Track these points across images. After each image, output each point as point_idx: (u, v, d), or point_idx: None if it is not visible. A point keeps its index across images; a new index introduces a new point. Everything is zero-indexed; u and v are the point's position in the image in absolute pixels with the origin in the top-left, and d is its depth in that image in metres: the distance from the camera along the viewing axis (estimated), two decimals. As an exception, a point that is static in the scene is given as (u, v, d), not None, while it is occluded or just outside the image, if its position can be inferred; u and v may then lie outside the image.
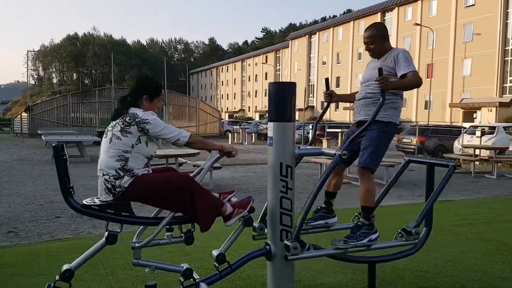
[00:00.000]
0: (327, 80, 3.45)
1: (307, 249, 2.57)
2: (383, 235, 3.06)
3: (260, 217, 3.00)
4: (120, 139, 2.59)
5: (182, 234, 2.74)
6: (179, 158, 8.67)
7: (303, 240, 2.58)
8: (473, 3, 34.92)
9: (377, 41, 3.18)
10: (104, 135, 2.72)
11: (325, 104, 3.51)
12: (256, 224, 2.98)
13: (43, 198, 7.01)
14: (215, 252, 2.71)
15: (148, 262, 2.66)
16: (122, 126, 2.62)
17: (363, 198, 3.01)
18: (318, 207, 3.29)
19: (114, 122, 2.69)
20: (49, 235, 4.91)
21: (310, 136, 21.75)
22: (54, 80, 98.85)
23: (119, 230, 2.54)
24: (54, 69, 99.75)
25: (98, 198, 2.62)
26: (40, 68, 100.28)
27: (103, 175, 2.58)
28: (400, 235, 3.02)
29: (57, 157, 2.53)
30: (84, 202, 2.57)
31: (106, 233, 2.49)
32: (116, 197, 2.55)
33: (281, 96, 2.64)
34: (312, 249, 2.63)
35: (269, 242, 2.68)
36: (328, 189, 3.33)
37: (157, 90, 2.86)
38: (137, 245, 2.65)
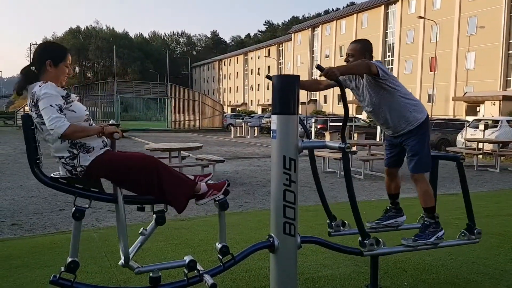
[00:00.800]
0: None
1: (382, 245, 2.82)
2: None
3: (330, 215, 3.20)
4: (44, 123, 2.36)
5: (153, 215, 2.62)
6: (182, 152, 8.69)
7: (377, 237, 2.83)
8: (478, -4, 34.68)
9: (357, 55, 3.24)
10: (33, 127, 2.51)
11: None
12: (333, 222, 3.19)
13: (46, 191, 7.05)
14: (218, 245, 2.72)
15: (150, 267, 2.62)
16: (34, 110, 2.40)
17: (422, 200, 3.20)
18: (387, 207, 3.50)
19: (28, 109, 2.48)
20: (53, 228, 4.95)
21: (314, 131, 21.73)
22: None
23: (87, 206, 2.48)
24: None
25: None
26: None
27: (60, 159, 2.46)
28: (462, 234, 3.27)
29: (25, 127, 2.43)
30: (52, 175, 2.50)
31: (73, 208, 2.44)
32: (78, 177, 2.46)
33: (285, 89, 2.64)
34: (384, 247, 2.85)
35: (272, 235, 2.69)
36: (389, 191, 3.53)
37: (62, 52, 2.58)
38: (123, 263, 2.60)
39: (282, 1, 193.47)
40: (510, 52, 32.81)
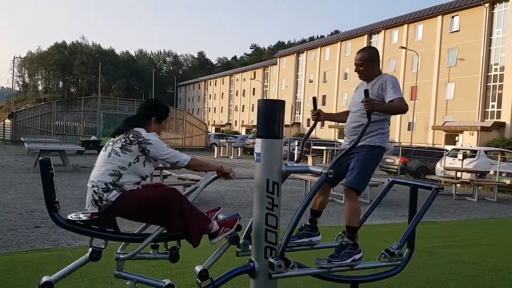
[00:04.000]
0: (314, 99, 3.51)
1: (291, 267, 2.57)
2: (366, 255, 3.08)
3: (244, 233, 2.99)
4: (119, 156, 2.60)
5: (167, 251, 2.72)
6: (163, 170, 8.62)
7: (287, 258, 2.57)
8: (458, 29, 35.91)
9: (367, 64, 3.27)
10: (104, 149, 2.72)
11: (312, 122, 3.56)
12: (240, 240, 2.97)
13: (23, 207, 6.87)
14: (198, 268, 2.68)
15: (130, 275, 2.63)
16: (124, 143, 2.64)
17: (348, 218, 3.04)
18: (303, 225, 3.30)
19: (116, 138, 2.71)
20: (28, 245, 4.80)
21: (296, 153, 21.85)
22: (40, 87, 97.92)
23: (103, 247, 2.51)
24: (40, 76, 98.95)
25: (83, 213, 2.61)
26: (26, 75, 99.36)
27: (92, 186, 2.58)
28: (383, 255, 3.04)
29: (43, 171, 2.50)
30: (69, 217, 2.54)
31: (90, 249, 2.47)
32: (101, 210, 2.53)
33: (270, 113, 2.67)
34: (296, 267, 2.62)
35: (253, 259, 2.67)
36: (313, 207, 3.35)
37: (167, 112, 2.95)
38: (121, 256, 2.62)
39: (269, 26, 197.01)
40: (488, 84, 33.85)
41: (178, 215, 2.59)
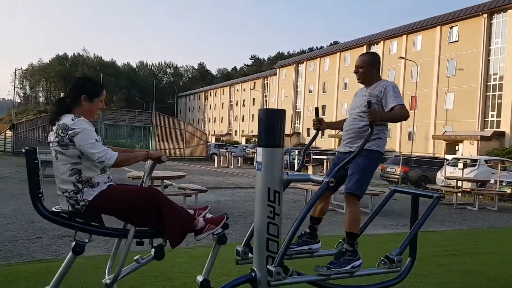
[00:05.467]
0: (317, 109, 3.55)
1: (290, 275, 2.56)
2: (366, 264, 3.08)
3: (244, 241, 2.99)
4: (64, 154, 2.49)
5: (152, 249, 2.65)
6: (164, 180, 8.62)
7: (286, 265, 2.56)
8: (457, 39, 36.14)
9: (367, 67, 3.30)
10: (52, 154, 2.60)
11: (314, 131, 3.58)
12: (240, 248, 2.97)
13: (24, 218, 6.86)
14: (199, 278, 2.68)
15: None
16: (58, 140, 2.50)
17: (348, 224, 3.05)
18: (303, 232, 3.30)
19: (52, 137, 2.57)
20: (29, 256, 4.80)
21: (297, 162, 21.84)
22: (41, 99, 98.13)
23: (87, 241, 2.47)
24: (41, 88, 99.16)
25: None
26: (27, 86, 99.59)
27: (63, 193, 2.50)
28: (383, 262, 3.03)
29: (29, 160, 2.46)
30: (53, 209, 2.50)
31: (74, 243, 2.43)
32: (80, 211, 2.48)
33: (271, 122, 2.69)
34: (295, 275, 2.62)
35: (255, 269, 2.66)
36: (313, 214, 3.35)
37: (97, 89, 2.73)
38: (108, 281, 2.58)
39: (268, 37, 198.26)
40: (487, 94, 33.97)
41: (155, 215, 2.53)
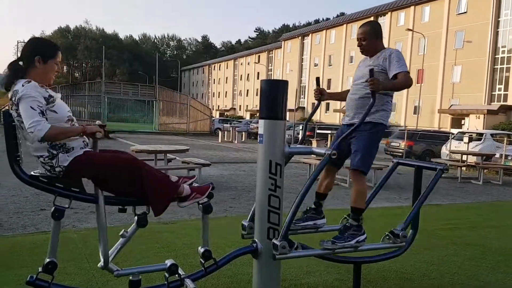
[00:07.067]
0: (318, 78, 3.46)
1: (295, 249, 2.56)
2: (370, 237, 3.08)
3: (249, 216, 2.98)
4: (22, 121, 2.32)
5: (135, 215, 2.59)
6: (168, 154, 8.62)
7: (291, 239, 2.56)
8: (465, 11, 35.35)
9: (370, 38, 3.19)
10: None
11: (316, 103, 3.51)
12: (245, 222, 2.97)
13: (28, 190, 6.91)
14: (201, 249, 2.69)
15: (130, 270, 2.57)
16: (14, 108, 2.36)
17: (354, 199, 3.03)
18: (308, 208, 3.29)
19: (9, 106, 2.44)
20: (34, 227, 4.85)
21: (300, 135, 21.77)
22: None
23: (67, 206, 2.43)
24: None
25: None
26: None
27: (38, 158, 2.42)
28: (387, 237, 3.03)
29: (6, 124, 2.38)
30: (32, 173, 2.46)
31: (53, 208, 2.39)
32: (58, 177, 2.42)
33: (273, 93, 2.63)
34: (300, 249, 2.62)
35: (256, 240, 2.67)
36: (318, 190, 3.33)
37: (52, 49, 2.52)
38: (102, 265, 2.55)
39: (273, 9, 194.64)
40: (495, 67, 33.47)
41: (138, 183, 2.46)
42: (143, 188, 2.47)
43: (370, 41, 3.19)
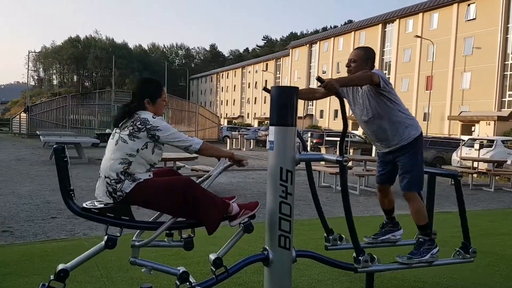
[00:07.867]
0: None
1: (376, 262, 2.83)
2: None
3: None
4: (127, 143, 2.54)
5: (182, 239, 2.71)
6: (177, 162, 8.65)
7: (372, 254, 2.82)
8: (474, 17, 35.17)
9: (360, 62, 3.22)
10: (111, 137, 2.66)
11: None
12: (328, 235, 3.23)
13: (39, 198, 6.97)
14: (212, 256, 2.68)
15: (145, 262, 2.63)
16: (132, 130, 2.56)
17: (415, 219, 3.18)
18: (384, 222, 3.50)
19: (124, 125, 2.63)
20: (45, 235, 4.87)
21: (309, 145, 21.74)
22: (54, 82, 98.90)
23: (119, 234, 2.51)
24: (54, 71, 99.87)
25: (98, 201, 2.59)
26: (41, 69, 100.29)
27: (105, 177, 2.55)
28: (457, 253, 3.26)
29: (58, 159, 2.50)
30: (84, 205, 2.54)
31: (106, 237, 2.46)
32: (116, 201, 2.52)
33: (283, 100, 2.63)
34: (379, 263, 2.85)
35: (267, 247, 2.65)
36: (383, 207, 3.52)
37: (158, 90, 2.78)
38: (136, 243, 2.63)
39: (281, 17, 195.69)
40: (505, 73, 33.17)
41: (191, 203, 2.56)
42: (195, 208, 2.56)
43: (360, 65, 3.22)
